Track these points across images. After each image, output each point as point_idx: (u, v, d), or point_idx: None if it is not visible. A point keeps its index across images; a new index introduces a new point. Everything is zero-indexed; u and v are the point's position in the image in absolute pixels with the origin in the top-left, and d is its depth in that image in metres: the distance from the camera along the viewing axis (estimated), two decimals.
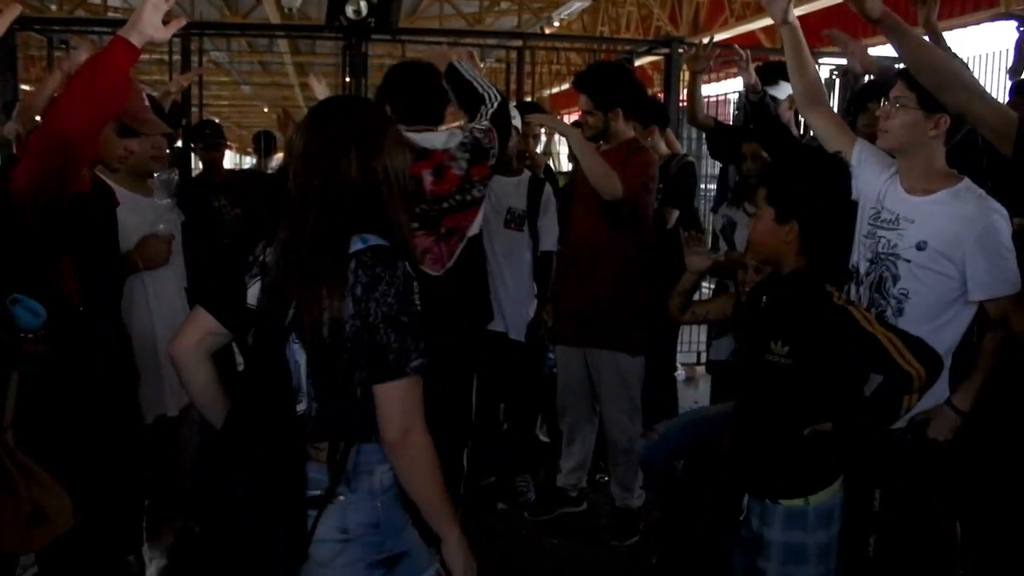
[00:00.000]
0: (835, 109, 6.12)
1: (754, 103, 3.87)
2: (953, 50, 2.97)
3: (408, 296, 1.53)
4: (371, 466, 1.58)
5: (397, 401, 1.52)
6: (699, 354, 6.21)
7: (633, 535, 3.49)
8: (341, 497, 1.55)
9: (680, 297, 2.68)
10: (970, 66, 5.99)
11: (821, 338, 2.02)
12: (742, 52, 3.92)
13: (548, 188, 3.85)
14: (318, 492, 1.54)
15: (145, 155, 2.80)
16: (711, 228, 6.06)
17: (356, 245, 1.53)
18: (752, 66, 3.95)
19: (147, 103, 2.64)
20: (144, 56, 2.13)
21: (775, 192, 2.11)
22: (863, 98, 3.26)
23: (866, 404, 2.08)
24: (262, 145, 6.05)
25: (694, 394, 5.71)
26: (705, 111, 4.58)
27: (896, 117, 2.26)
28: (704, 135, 4.87)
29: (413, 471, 1.56)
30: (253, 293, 1.64)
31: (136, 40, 1.99)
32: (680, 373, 6.20)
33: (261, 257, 1.64)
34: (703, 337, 5.23)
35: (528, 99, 5.93)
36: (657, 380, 4.34)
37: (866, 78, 3.58)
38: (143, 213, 2.82)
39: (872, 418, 2.09)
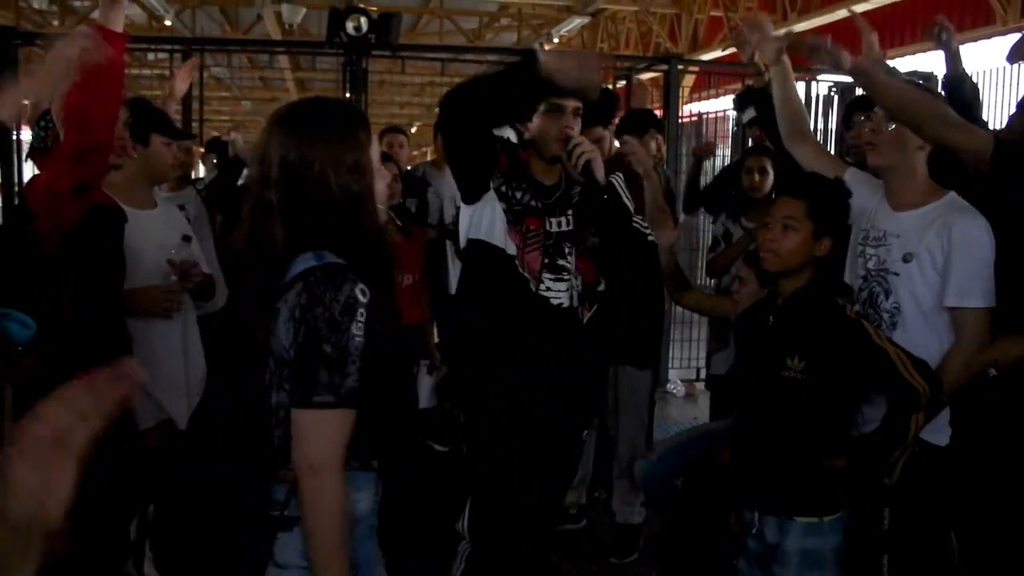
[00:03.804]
0: (834, 125, 6.19)
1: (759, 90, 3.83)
2: (967, 67, 3.03)
3: (343, 324, 1.42)
4: None
5: (304, 430, 1.43)
6: (698, 370, 6.20)
7: (633, 552, 3.47)
8: None
9: (671, 279, 2.85)
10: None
11: (837, 351, 2.04)
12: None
13: None
14: (276, 513, 1.48)
15: (164, 160, 2.86)
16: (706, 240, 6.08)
17: (307, 263, 1.45)
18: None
19: None
20: (144, 71, 2.19)
21: (818, 207, 2.11)
22: (851, 111, 3.29)
23: (876, 431, 2.10)
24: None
25: (693, 410, 5.68)
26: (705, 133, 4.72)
27: (884, 132, 2.29)
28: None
29: (310, 511, 1.43)
30: None
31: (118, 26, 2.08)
32: (680, 389, 6.19)
33: None
34: (702, 353, 5.22)
35: None
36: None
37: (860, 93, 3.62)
38: (148, 230, 2.82)
39: (882, 440, 2.08)
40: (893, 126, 2.27)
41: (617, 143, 3.48)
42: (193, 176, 4.79)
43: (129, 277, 2.58)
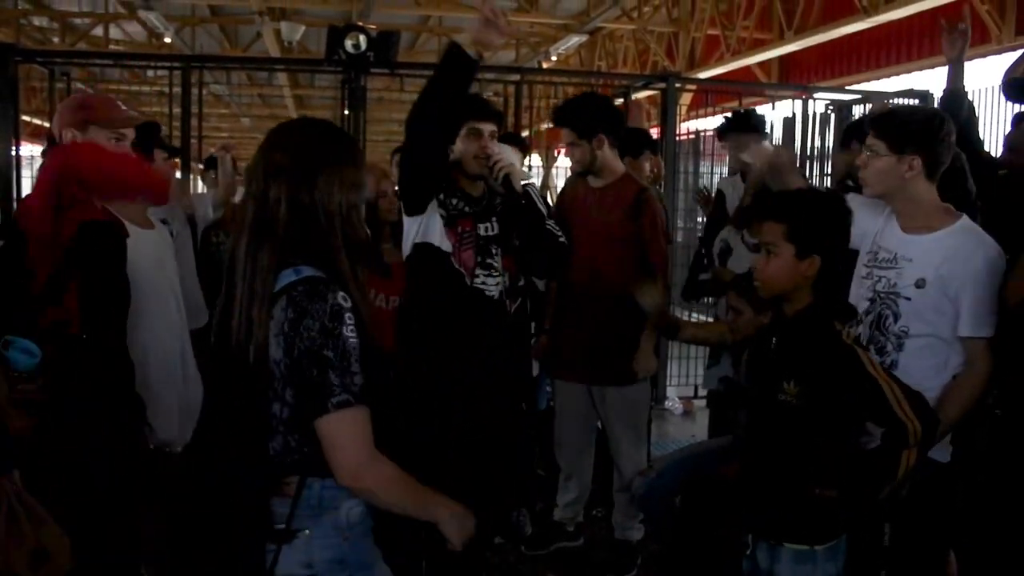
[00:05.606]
0: (831, 142, 6.21)
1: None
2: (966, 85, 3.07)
3: (335, 329, 1.48)
4: (337, 501, 1.56)
5: (333, 437, 1.48)
6: (696, 387, 6.18)
7: (631, 570, 3.45)
8: (306, 531, 1.54)
9: (663, 328, 2.86)
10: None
11: (829, 378, 1.99)
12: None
13: None
14: (281, 526, 1.53)
15: (167, 175, 2.89)
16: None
17: (288, 278, 1.50)
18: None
19: (122, 108, 2.71)
20: (144, 87, 2.22)
21: (796, 228, 2.05)
22: (848, 136, 3.30)
23: (867, 463, 2.05)
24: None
25: (692, 427, 5.67)
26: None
27: (870, 165, 2.32)
28: (698, 176, 4.97)
29: (381, 499, 1.54)
30: None
31: None
32: (678, 406, 6.17)
33: None
34: (700, 370, 5.20)
35: (525, 133, 5.97)
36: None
37: (856, 111, 3.64)
38: (146, 249, 2.82)
39: (872, 477, 2.03)
40: (879, 161, 2.29)
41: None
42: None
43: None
